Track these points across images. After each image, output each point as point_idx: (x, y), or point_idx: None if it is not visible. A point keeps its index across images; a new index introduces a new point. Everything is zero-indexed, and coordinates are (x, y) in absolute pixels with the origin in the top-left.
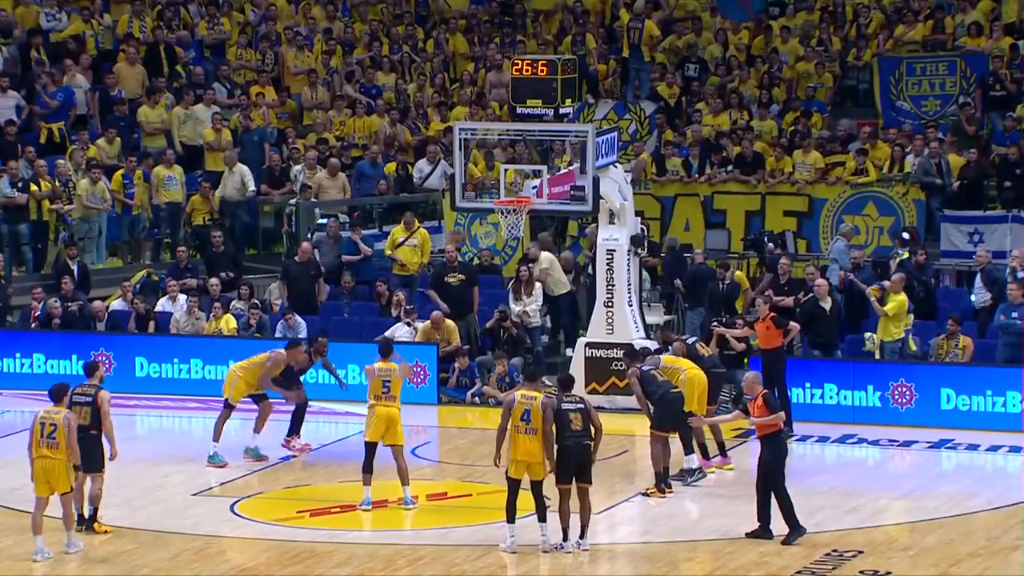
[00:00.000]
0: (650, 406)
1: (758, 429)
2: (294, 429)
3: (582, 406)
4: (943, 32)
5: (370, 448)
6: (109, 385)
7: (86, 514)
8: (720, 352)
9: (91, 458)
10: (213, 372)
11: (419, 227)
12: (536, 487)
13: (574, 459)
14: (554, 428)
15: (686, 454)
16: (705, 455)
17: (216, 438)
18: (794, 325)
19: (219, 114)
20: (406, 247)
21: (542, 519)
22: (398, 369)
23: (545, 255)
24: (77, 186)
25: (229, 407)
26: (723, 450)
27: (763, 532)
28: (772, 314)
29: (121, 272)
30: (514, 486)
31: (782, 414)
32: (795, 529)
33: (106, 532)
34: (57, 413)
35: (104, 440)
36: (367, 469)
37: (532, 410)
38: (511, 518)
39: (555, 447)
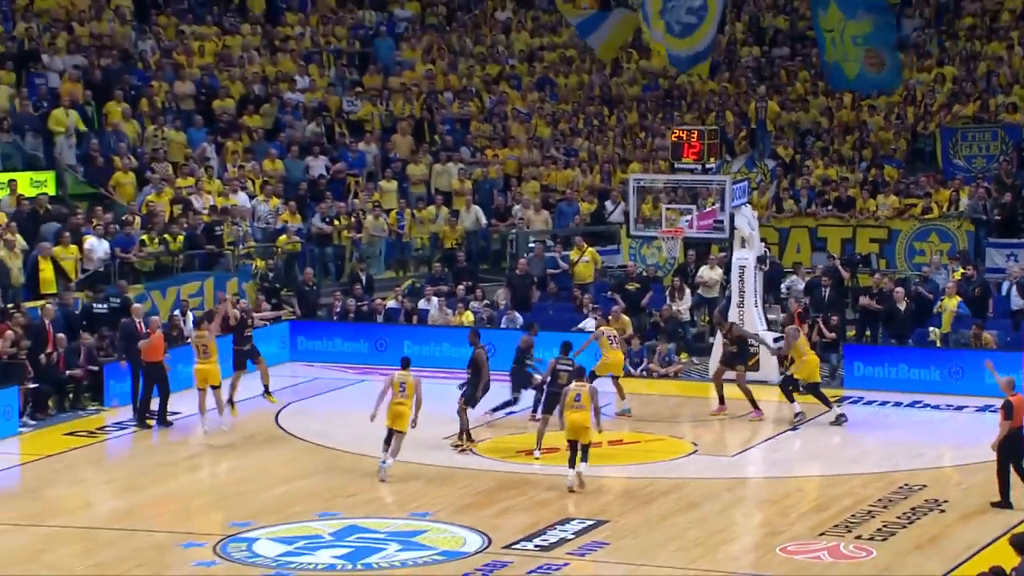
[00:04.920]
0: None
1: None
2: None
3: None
4: (988, 110)
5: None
6: (374, 360)
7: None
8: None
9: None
10: (457, 352)
11: (587, 247)
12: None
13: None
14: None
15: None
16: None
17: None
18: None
19: (463, 169)
20: (581, 264)
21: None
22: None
23: (719, 271)
24: (365, 220)
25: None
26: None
27: (1004, 503)
28: (800, 309)
29: (394, 281)
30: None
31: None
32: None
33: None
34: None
35: None
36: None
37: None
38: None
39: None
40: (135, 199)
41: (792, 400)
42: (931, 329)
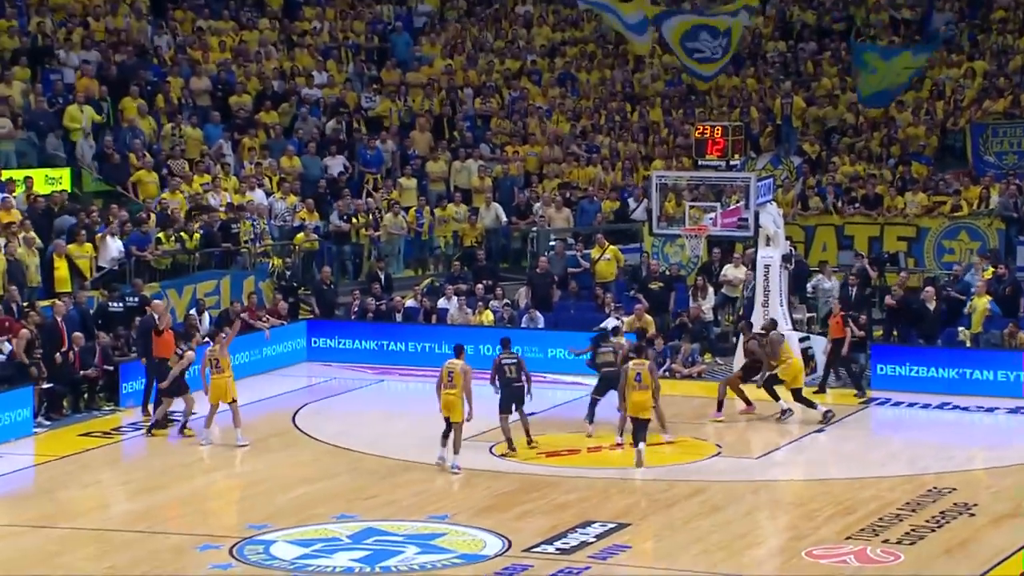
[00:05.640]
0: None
1: None
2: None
3: (514, 361)
4: (1019, 105)
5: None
6: (403, 361)
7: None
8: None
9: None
10: (478, 351)
11: (608, 245)
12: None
13: (512, 395)
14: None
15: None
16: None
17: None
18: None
19: (483, 166)
20: (602, 262)
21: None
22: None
23: (744, 270)
24: (383, 218)
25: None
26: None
27: None
28: (843, 312)
29: (413, 280)
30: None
31: None
32: None
33: None
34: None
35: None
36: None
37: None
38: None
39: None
40: (156, 197)
41: (777, 398)
42: (960, 329)
